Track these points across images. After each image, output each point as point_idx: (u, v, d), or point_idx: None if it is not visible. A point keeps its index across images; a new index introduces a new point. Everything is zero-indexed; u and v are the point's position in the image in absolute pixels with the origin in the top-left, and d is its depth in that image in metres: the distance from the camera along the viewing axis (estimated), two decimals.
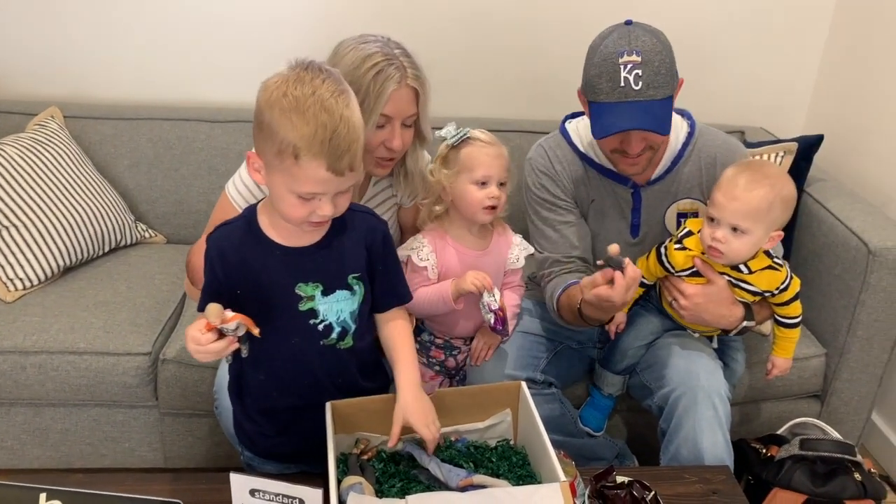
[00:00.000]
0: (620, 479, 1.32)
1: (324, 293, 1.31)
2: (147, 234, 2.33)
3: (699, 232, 1.62)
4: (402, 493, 1.28)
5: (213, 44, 2.37)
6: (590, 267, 1.80)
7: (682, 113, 1.76)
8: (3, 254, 2.01)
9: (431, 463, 1.31)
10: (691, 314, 1.66)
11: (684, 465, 1.58)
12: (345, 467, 1.33)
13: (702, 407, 1.59)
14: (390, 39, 1.56)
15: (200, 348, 1.19)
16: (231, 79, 2.38)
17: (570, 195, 1.78)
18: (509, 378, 1.68)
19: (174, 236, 2.36)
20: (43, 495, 1.15)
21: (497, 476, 1.34)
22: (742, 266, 1.61)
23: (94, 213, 2.15)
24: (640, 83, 1.51)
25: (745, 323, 1.66)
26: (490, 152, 1.65)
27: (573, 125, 1.80)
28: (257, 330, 1.22)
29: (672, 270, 1.67)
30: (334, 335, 1.34)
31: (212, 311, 1.18)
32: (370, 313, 1.41)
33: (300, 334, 1.33)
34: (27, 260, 2.01)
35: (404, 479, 1.33)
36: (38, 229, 2.04)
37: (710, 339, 1.78)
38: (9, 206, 2.03)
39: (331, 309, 1.32)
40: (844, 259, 1.93)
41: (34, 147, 2.14)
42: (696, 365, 1.66)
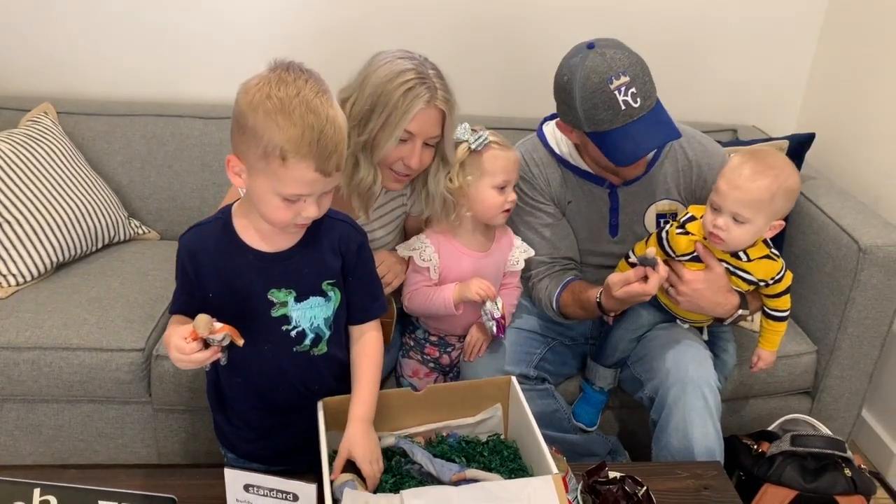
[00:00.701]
0: (612, 475, 1.32)
1: (297, 299, 1.30)
2: (140, 231, 2.32)
3: (702, 217, 1.63)
4: (395, 489, 1.28)
5: (207, 40, 2.36)
6: (577, 264, 1.82)
7: None
8: None
9: (424, 458, 1.32)
10: (688, 300, 1.66)
11: (675, 454, 1.60)
12: None
13: (692, 397, 1.61)
14: (427, 59, 1.57)
15: (184, 357, 1.19)
16: (225, 75, 2.35)
17: (549, 197, 1.79)
18: (503, 374, 1.69)
19: (167, 233, 2.36)
20: (37, 491, 1.15)
21: (489, 470, 1.34)
22: (741, 253, 1.63)
23: (88, 210, 2.15)
24: (637, 100, 1.53)
25: (740, 311, 1.68)
26: (510, 157, 1.67)
27: (550, 128, 1.81)
28: (242, 341, 1.21)
29: (672, 254, 1.68)
30: (307, 342, 1.33)
31: (201, 322, 1.17)
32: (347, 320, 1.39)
33: (272, 341, 1.31)
34: (20, 256, 2.01)
35: (397, 475, 1.34)
36: (31, 225, 2.03)
37: (700, 330, 1.79)
38: (2, 202, 2.02)
39: (304, 315, 1.31)
40: (835, 256, 1.94)
41: (27, 143, 2.13)
42: (685, 356, 1.67)
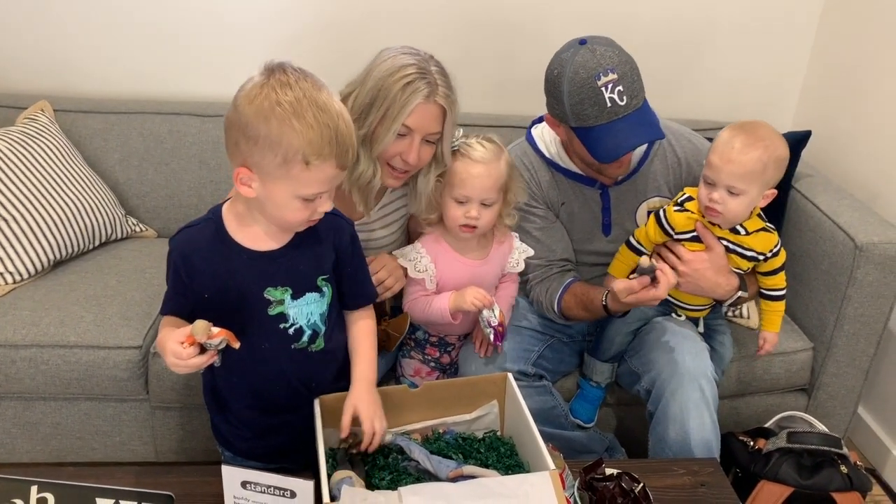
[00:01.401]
0: (609, 472, 1.33)
1: (293, 296, 1.30)
2: (137, 228, 2.32)
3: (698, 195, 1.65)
4: (393, 485, 1.28)
5: (205, 38, 2.36)
6: (573, 265, 1.83)
7: None
8: None
9: (421, 455, 1.32)
10: (689, 281, 1.66)
11: (671, 445, 1.61)
12: (334, 462, 1.34)
13: (688, 388, 1.61)
14: (432, 57, 1.57)
15: (181, 362, 1.18)
16: (222, 73, 2.37)
17: (541, 200, 1.79)
18: (500, 371, 1.69)
19: (165, 230, 2.35)
20: (34, 488, 1.15)
21: (486, 466, 1.35)
22: (739, 227, 1.65)
23: (85, 207, 2.14)
24: (624, 98, 1.53)
25: (740, 293, 1.68)
26: (475, 171, 1.59)
27: (539, 131, 1.82)
28: (238, 344, 1.21)
29: (672, 233, 1.69)
30: (305, 338, 1.33)
31: (199, 327, 1.16)
32: (339, 313, 1.40)
33: (270, 339, 1.31)
34: (17, 254, 2.01)
35: (394, 472, 1.34)
36: (28, 223, 2.03)
37: (695, 322, 1.80)
38: None
39: (301, 312, 1.31)
40: (831, 254, 1.95)
41: (24, 141, 2.13)
42: (681, 347, 1.67)
